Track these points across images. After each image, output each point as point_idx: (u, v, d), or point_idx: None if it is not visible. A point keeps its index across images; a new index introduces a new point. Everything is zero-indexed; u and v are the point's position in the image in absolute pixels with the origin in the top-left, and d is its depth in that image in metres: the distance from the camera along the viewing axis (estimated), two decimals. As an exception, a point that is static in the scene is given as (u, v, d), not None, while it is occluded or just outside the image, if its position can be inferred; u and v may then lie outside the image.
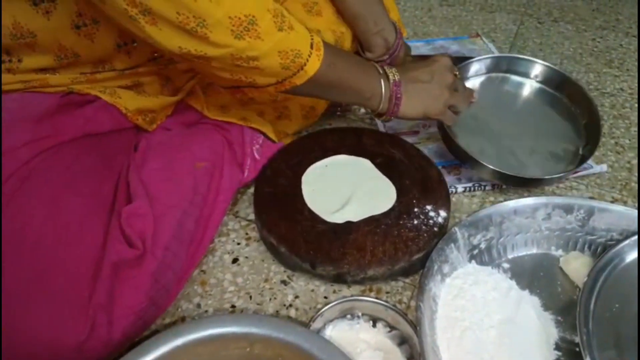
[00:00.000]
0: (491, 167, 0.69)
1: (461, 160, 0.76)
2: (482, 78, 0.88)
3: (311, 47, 0.56)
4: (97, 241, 0.52)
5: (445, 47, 1.21)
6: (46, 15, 0.52)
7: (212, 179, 0.66)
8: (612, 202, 0.77)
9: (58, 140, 0.56)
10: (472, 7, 1.44)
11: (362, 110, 0.98)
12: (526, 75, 0.87)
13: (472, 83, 0.86)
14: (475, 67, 0.87)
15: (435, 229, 0.65)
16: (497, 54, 0.88)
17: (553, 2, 1.48)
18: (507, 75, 0.88)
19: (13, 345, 0.45)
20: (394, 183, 0.72)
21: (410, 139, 0.88)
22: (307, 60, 0.55)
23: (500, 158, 0.74)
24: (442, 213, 0.67)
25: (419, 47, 1.22)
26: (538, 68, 0.86)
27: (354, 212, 0.67)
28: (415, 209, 0.68)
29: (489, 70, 0.88)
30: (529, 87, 0.87)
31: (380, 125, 0.93)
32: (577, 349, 0.53)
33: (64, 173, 0.55)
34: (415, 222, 0.66)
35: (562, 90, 0.85)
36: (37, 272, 0.47)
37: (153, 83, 0.67)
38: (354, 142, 0.80)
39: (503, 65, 0.87)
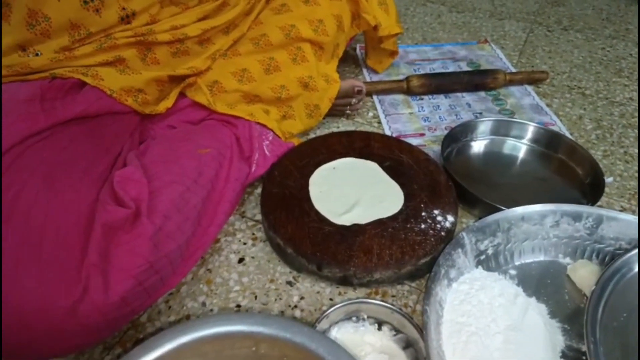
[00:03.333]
0: (493, 203, 0.69)
1: (470, 204, 0.76)
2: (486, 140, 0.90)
3: None
4: (89, 208, 0.52)
5: (453, 52, 1.21)
6: None
7: (221, 167, 0.66)
8: (620, 211, 0.77)
9: (50, 122, 0.57)
10: (481, 14, 1.44)
11: (371, 113, 0.98)
12: (531, 140, 0.89)
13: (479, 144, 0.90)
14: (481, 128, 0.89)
15: (443, 233, 0.65)
16: (500, 118, 0.91)
17: (563, 11, 1.48)
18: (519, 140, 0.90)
19: (5, 310, 0.44)
20: (401, 187, 0.72)
21: (415, 141, 0.89)
22: None
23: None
24: (450, 218, 0.67)
25: (426, 52, 1.22)
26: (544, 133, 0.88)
27: (362, 215, 0.67)
28: (423, 213, 0.68)
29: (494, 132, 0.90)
30: (531, 151, 0.88)
31: (387, 129, 0.94)
32: (584, 358, 0.53)
33: (59, 153, 0.55)
34: (423, 226, 0.66)
35: (564, 152, 0.86)
36: (28, 239, 0.47)
37: (134, 58, 0.67)
38: (362, 145, 0.80)
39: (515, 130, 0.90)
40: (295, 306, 0.62)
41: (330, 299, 0.63)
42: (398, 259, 0.62)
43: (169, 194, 0.57)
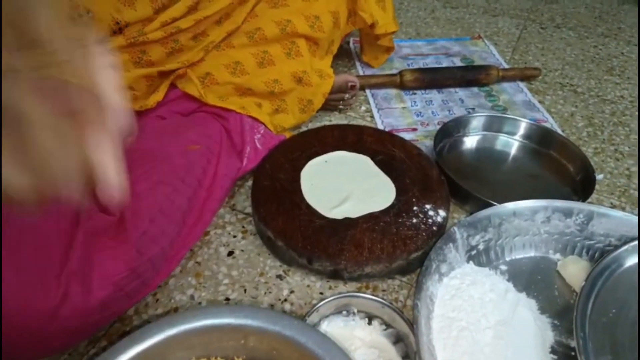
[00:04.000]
0: (485, 198, 0.69)
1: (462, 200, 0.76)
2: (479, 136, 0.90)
3: None
4: (70, 210, 0.50)
5: (447, 48, 1.21)
6: None
7: (209, 164, 0.65)
8: (610, 207, 0.77)
9: None
10: (475, 10, 1.44)
11: (363, 107, 0.98)
12: (523, 136, 0.89)
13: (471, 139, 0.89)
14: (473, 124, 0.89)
15: (434, 228, 0.65)
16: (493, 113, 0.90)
17: (556, 9, 1.48)
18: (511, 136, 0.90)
19: None
20: (393, 181, 0.71)
21: (407, 136, 0.88)
22: None
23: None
24: (442, 212, 0.67)
25: (420, 47, 1.21)
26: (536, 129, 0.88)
27: (353, 209, 0.66)
28: (415, 208, 0.67)
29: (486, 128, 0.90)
30: (523, 147, 0.88)
31: (379, 123, 0.93)
32: (573, 353, 0.53)
33: None
34: (414, 220, 0.65)
35: (555, 148, 0.86)
36: (6, 241, 0.45)
37: (126, 63, 0.65)
38: (355, 139, 0.79)
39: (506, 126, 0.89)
40: (285, 300, 0.61)
41: (321, 293, 0.62)
42: (389, 253, 0.61)
43: (155, 197, 0.56)
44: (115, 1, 0.61)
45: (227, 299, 0.61)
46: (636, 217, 0.65)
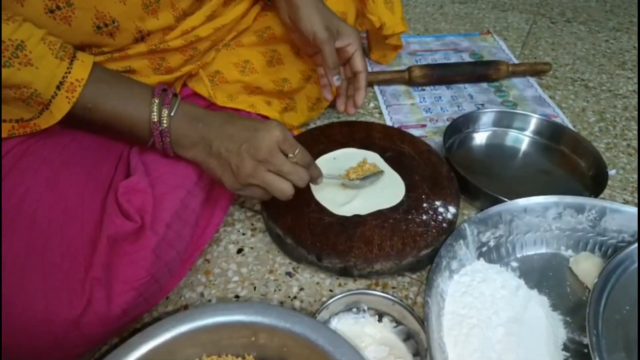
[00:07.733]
0: (495, 195, 0.69)
1: (472, 196, 0.75)
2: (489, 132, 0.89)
3: (58, 88, 0.50)
4: (94, 216, 0.51)
5: (456, 43, 1.20)
6: (19, 1, 0.51)
7: None
8: (623, 203, 0.76)
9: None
10: (484, 5, 1.42)
11: (372, 104, 0.97)
12: (534, 132, 0.88)
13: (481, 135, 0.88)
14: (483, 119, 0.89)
15: (444, 225, 0.64)
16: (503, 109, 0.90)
17: (566, 3, 1.47)
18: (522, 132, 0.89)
19: (9, 318, 0.44)
20: (403, 178, 0.71)
21: (417, 132, 0.88)
22: (51, 101, 0.50)
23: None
24: (452, 209, 0.66)
25: (428, 42, 1.21)
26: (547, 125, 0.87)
27: (362, 206, 0.66)
28: (424, 205, 0.67)
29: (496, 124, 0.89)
30: (534, 142, 0.87)
31: (388, 119, 0.93)
32: (586, 350, 0.53)
33: (61, 151, 0.54)
34: (424, 217, 0.65)
35: (567, 144, 0.85)
36: (32, 247, 0.46)
37: (145, 69, 0.65)
38: (363, 136, 0.79)
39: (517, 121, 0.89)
40: (295, 297, 0.61)
41: (330, 290, 0.62)
42: (399, 250, 0.61)
43: (172, 201, 0.56)
44: (141, 11, 0.60)
45: (237, 297, 0.61)
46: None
